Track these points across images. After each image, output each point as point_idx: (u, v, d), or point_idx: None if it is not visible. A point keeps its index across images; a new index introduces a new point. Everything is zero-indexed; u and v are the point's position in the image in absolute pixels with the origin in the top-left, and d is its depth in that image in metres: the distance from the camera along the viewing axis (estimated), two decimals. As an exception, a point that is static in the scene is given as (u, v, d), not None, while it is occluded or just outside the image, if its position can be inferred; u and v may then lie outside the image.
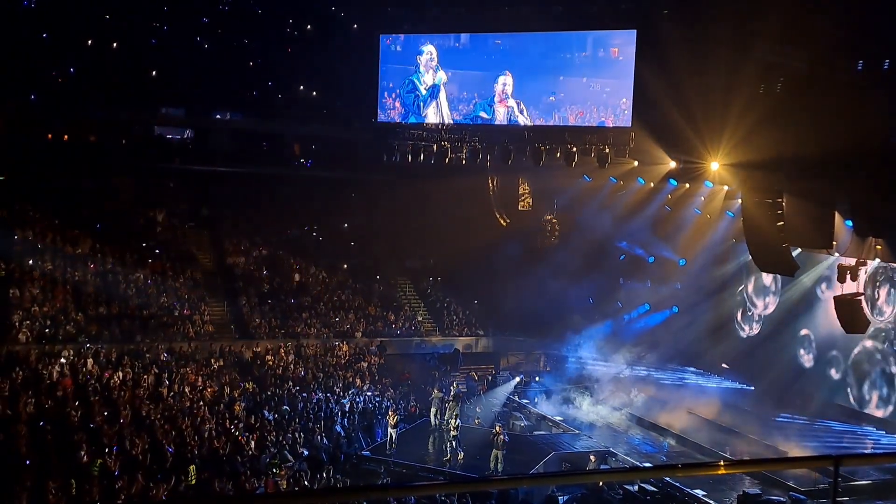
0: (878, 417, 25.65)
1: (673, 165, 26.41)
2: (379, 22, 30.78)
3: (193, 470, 19.71)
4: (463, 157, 29.04)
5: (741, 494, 19.11)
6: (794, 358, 28.38)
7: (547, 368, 32.19)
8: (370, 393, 27.83)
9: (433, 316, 35.40)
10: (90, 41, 34.85)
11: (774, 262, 24.03)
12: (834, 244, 22.35)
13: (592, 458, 22.56)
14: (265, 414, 24.44)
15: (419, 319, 34.97)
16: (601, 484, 19.31)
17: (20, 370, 24.56)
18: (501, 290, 33.98)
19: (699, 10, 24.09)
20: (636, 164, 27.48)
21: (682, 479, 19.66)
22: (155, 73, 35.73)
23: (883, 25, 20.04)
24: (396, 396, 27.91)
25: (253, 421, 23.58)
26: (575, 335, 31.71)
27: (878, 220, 21.11)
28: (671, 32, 24.40)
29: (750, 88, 21.54)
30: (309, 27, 36.81)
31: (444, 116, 29.34)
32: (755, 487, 20.12)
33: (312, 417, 24.83)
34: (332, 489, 16.95)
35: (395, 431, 22.94)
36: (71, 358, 26.02)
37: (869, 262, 23.85)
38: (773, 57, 21.46)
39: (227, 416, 23.62)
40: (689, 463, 19.59)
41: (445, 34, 29.69)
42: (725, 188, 26.35)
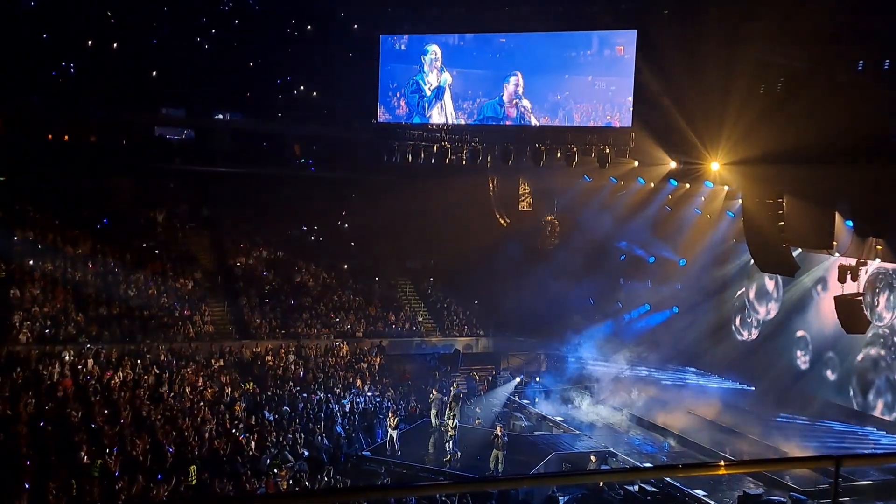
0: (879, 418, 25.61)
1: (673, 166, 26.40)
2: (379, 22, 30.75)
3: (194, 470, 19.70)
4: (463, 157, 28.99)
5: (742, 495, 19.07)
6: (793, 359, 28.39)
7: (547, 368, 32.14)
8: (370, 393, 27.84)
9: (433, 316, 35.39)
10: (90, 41, 34.85)
11: (775, 262, 24.04)
12: (834, 244, 22.35)
13: (593, 458, 22.52)
14: (265, 414, 24.43)
15: (419, 320, 34.96)
16: (601, 484, 19.29)
17: (21, 370, 24.57)
18: (502, 290, 33.96)
19: (699, 9, 24.07)
20: (636, 164, 27.47)
21: (682, 479, 19.63)
22: (155, 73, 35.73)
23: (883, 25, 20.05)
24: (397, 397, 27.92)
25: (253, 421, 23.58)
26: (575, 335, 31.70)
27: (878, 220, 21.10)
28: (671, 32, 24.40)
29: (749, 87, 21.52)
30: (309, 27, 36.79)
31: (448, 117, 29.28)
32: (756, 488, 20.12)
33: (313, 418, 24.82)
34: (332, 489, 16.94)
35: (395, 433, 22.94)
36: (71, 358, 26.02)
37: (870, 262, 23.82)
38: (771, 57, 21.46)
39: (227, 416, 23.61)
40: (689, 463, 19.56)
41: (449, 34, 29.64)
42: (726, 188, 26.35)
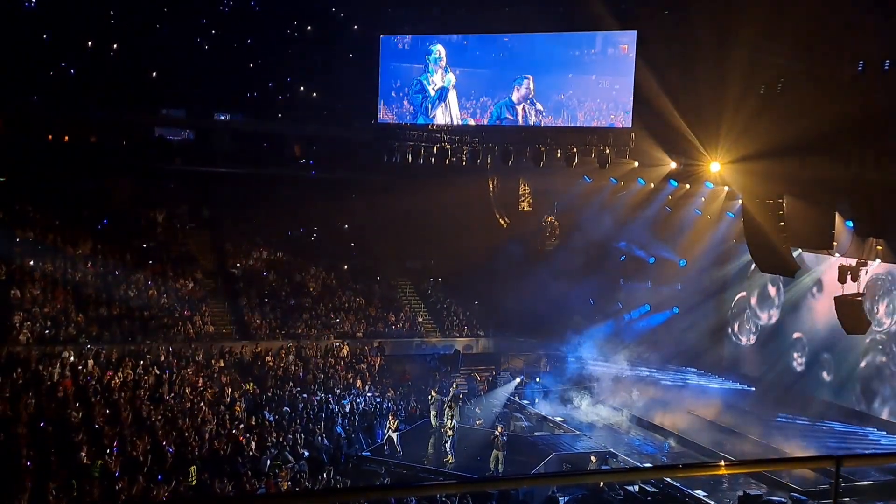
0: (879, 418, 25.61)
1: (673, 166, 26.39)
2: (379, 22, 30.75)
3: (194, 471, 19.68)
4: (463, 157, 28.97)
5: (742, 495, 19.04)
6: (792, 360, 28.39)
7: (547, 369, 32.14)
8: (371, 394, 27.84)
9: (434, 317, 35.38)
10: (90, 41, 34.89)
11: (775, 262, 24.01)
12: (834, 245, 22.34)
13: (593, 458, 22.52)
14: (266, 415, 24.43)
15: (420, 320, 34.94)
16: (601, 484, 19.28)
17: (21, 371, 24.55)
18: (502, 290, 33.94)
19: (698, 8, 24.07)
20: (636, 164, 27.47)
21: (682, 479, 19.63)
22: (155, 73, 35.75)
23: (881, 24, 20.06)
24: (397, 397, 27.91)
25: (253, 422, 23.58)
26: (575, 336, 31.69)
27: (878, 220, 21.08)
28: (670, 32, 24.40)
29: (744, 85, 21.51)
30: (309, 27, 36.83)
31: (452, 118, 29.24)
32: (756, 488, 20.10)
33: (313, 418, 24.82)
34: (332, 490, 16.95)
35: (395, 435, 22.93)
36: (71, 359, 26.00)
37: (870, 262, 23.82)
38: (769, 57, 21.45)
39: (227, 416, 23.61)
40: (689, 463, 19.54)
41: (449, 34, 29.59)
42: (726, 189, 26.33)
